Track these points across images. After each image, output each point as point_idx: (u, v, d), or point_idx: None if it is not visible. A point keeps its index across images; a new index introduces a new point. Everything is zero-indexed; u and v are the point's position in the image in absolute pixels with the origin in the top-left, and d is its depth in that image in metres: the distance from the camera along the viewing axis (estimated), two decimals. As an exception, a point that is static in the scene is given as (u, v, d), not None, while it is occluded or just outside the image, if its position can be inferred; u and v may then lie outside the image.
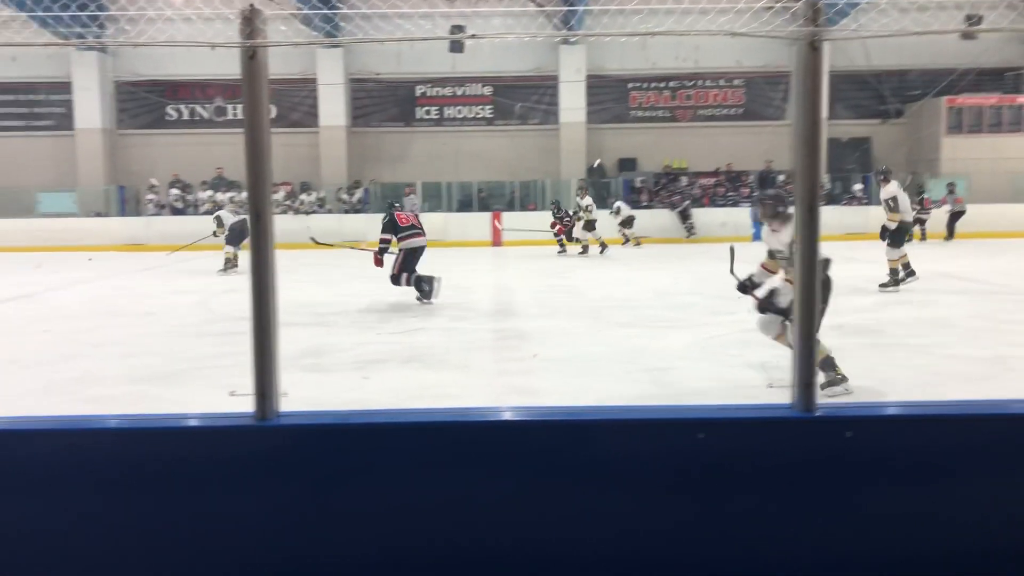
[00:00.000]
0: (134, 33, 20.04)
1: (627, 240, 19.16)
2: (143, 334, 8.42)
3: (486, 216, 20.89)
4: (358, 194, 22.20)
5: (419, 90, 23.70)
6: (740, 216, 20.38)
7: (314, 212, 21.04)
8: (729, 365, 6.52)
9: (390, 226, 10.16)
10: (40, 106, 23.69)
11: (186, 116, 23.73)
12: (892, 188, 10.71)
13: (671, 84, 23.72)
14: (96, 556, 2.13)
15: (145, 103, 23.76)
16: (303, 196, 21.63)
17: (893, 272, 10.66)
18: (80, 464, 2.16)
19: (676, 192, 21.71)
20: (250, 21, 1.89)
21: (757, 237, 19.92)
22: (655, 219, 20.92)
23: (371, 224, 20.74)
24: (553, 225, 17.85)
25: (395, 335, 8.08)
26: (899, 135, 23.61)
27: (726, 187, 22.29)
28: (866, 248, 14.04)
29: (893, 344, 7.42)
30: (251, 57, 1.88)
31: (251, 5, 1.87)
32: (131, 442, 2.21)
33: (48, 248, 19.10)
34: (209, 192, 21.54)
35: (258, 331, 2.09)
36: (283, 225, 17.89)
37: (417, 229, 10.27)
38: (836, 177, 21.86)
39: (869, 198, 20.66)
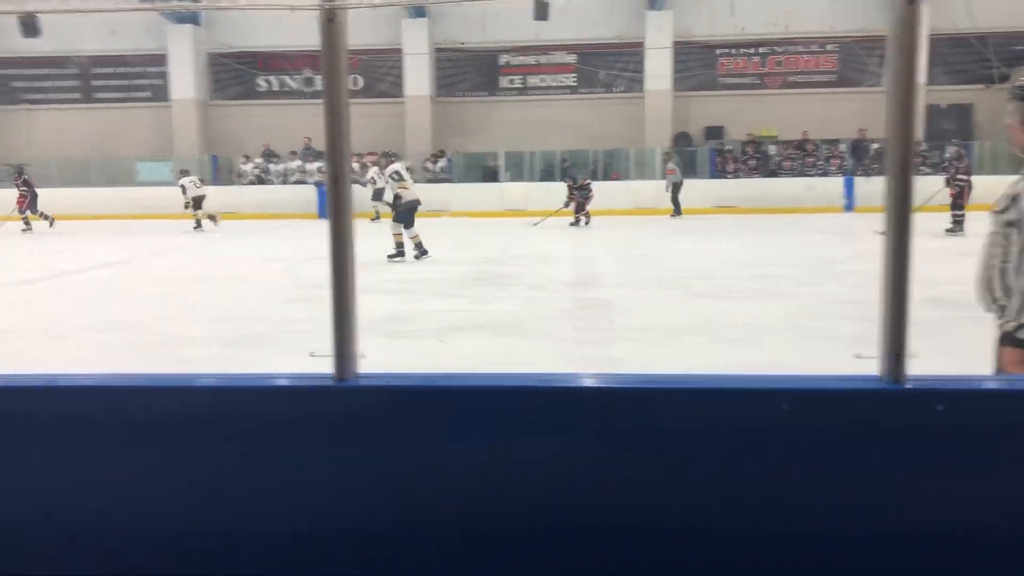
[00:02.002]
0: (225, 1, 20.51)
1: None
2: (232, 298, 8.68)
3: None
4: (441, 163, 22.34)
5: (503, 59, 23.62)
6: (829, 185, 19.80)
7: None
8: (815, 337, 6.35)
9: None
10: (138, 78, 24.48)
11: (276, 87, 24.21)
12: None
13: (761, 50, 23.04)
14: (182, 508, 2.20)
15: (237, 74, 24.32)
16: (390, 165, 21.88)
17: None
18: (173, 419, 2.23)
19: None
20: (329, -17, 1.89)
21: (849, 208, 19.35)
22: (740, 188, 20.47)
23: (456, 192, 20.95)
24: (569, 201, 17.49)
25: (476, 303, 8.13)
26: (1005, 101, 22.46)
27: (815, 156, 21.62)
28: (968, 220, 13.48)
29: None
30: (330, 20, 1.88)
31: (331, -33, 1.87)
32: (220, 399, 2.27)
33: (146, 216, 19.82)
34: (298, 162, 22.00)
35: (337, 294, 2.11)
36: (361, 193, 18.20)
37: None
38: (935, 146, 20.96)
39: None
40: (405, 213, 11.10)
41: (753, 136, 22.41)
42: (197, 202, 18.06)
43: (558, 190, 18.23)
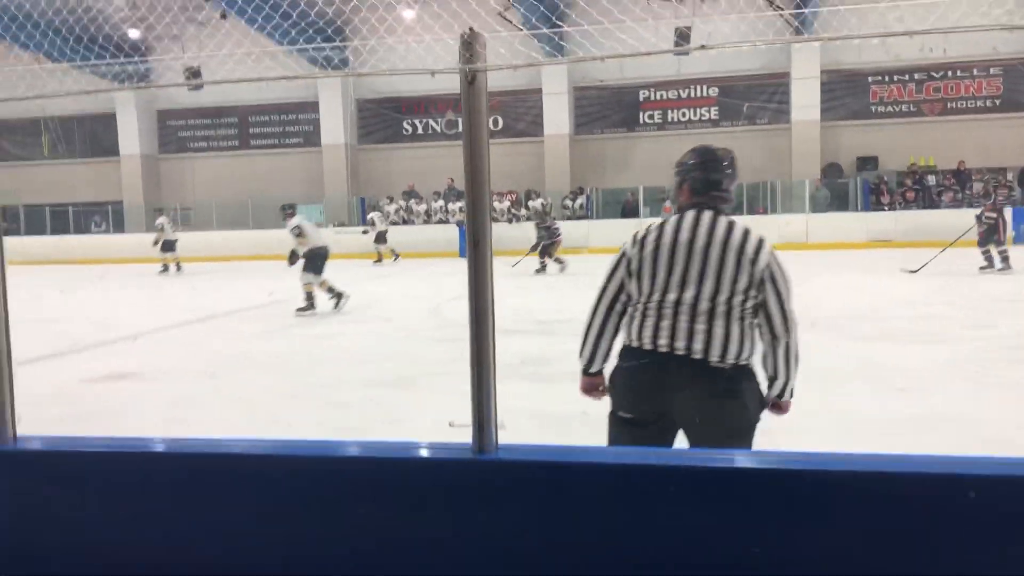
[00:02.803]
0: (372, 60, 21.31)
1: None
2: (379, 339, 8.84)
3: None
4: (580, 200, 22.34)
5: (643, 95, 23.49)
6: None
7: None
8: (994, 384, 5.82)
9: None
10: (290, 125, 25.83)
11: (420, 129, 24.96)
12: None
13: (916, 76, 21.93)
14: (326, 571, 2.18)
15: (383, 119, 25.25)
16: (529, 203, 22.10)
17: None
18: (318, 485, 2.21)
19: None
20: (469, 46, 1.83)
21: (1019, 240, 17.96)
22: (898, 221, 19.42)
23: (594, 229, 20.87)
24: (537, 244, 15.98)
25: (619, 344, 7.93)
26: None
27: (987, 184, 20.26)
28: None
29: None
30: (470, 82, 1.82)
31: (471, 29, 1.80)
32: (363, 468, 2.24)
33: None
34: (440, 202, 22.52)
35: (476, 363, 2.02)
36: (506, 232, 18.39)
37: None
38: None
39: None
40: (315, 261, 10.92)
41: (914, 166, 21.29)
42: (380, 236, 18.89)
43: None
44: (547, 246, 15.83)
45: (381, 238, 18.83)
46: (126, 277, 18.47)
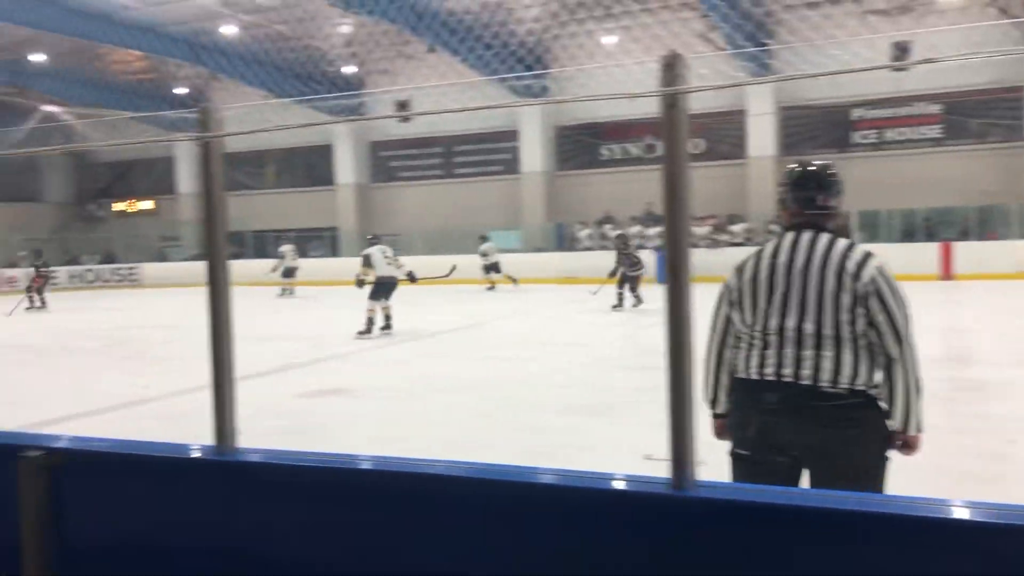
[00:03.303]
0: (571, 87, 21.59)
1: None
2: (573, 364, 8.84)
3: (933, 247, 18.88)
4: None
5: (855, 113, 22.31)
6: None
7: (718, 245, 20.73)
8: None
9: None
10: (491, 153, 26.64)
11: (618, 155, 24.97)
12: None
13: None
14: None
15: (581, 145, 25.49)
16: (732, 227, 21.54)
17: None
18: (508, 511, 2.20)
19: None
20: (671, 68, 1.77)
21: None
22: None
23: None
24: (617, 268, 14.84)
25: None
26: None
27: None
28: None
29: None
30: (671, 106, 1.76)
31: (673, 51, 1.74)
32: (556, 496, 2.21)
33: (495, 281, 21.21)
34: (638, 227, 22.37)
35: (674, 394, 1.94)
36: (706, 258, 18.02)
37: None
38: None
39: None
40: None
41: None
42: (494, 267, 19.85)
43: (920, 250, 16.56)
44: (630, 278, 15.05)
45: (495, 268, 20.10)
46: (340, 298, 19.65)
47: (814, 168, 2.76)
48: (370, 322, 11.36)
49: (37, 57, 24.68)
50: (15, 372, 9.68)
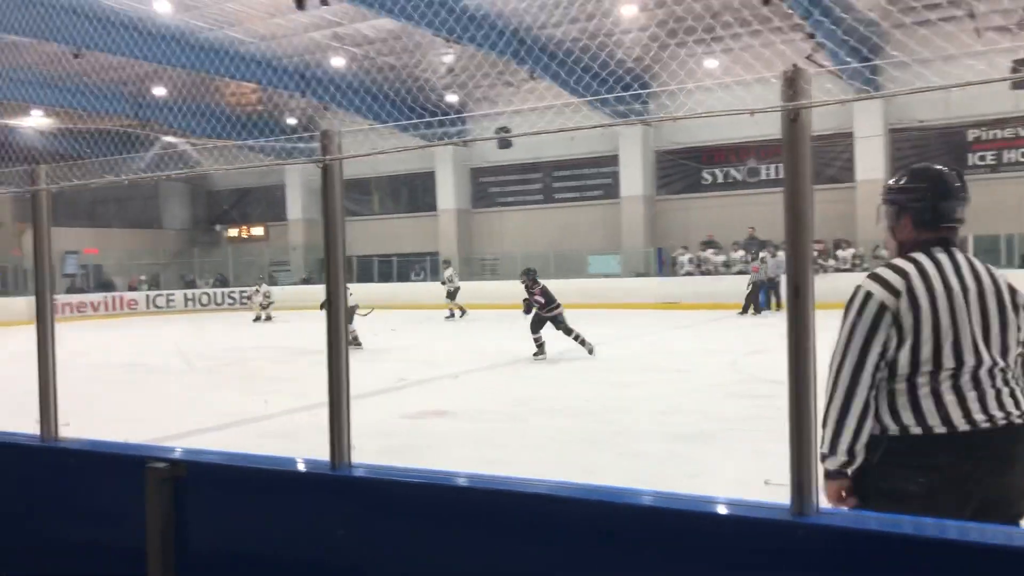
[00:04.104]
0: (673, 107, 21.44)
1: None
2: (677, 391, 8.70)
3: (1058, 272, 17.89)
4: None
5: (971, 134, 21.39)
6: None
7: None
8: None
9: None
10: (591, 178, 26.64)
11: (720, 179, 24.59)
12: None
13: None
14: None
15: (682, 169, 25.22)
16: (838, 252, 20.92)
17: None
18: (606, 532, 2.18)
19: None
20: (793, 82, 1.75)
21: None
22: None
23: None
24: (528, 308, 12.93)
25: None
26: None
27: None
28: None
29: None
30: (793, 120, 1.73)
31: (794, 66, 1.72)
32: (659, 519, 2.17)
33: (595, 305, 21.11)
34: (740, 252, 21.94)
35: (796, 420, 1.89)
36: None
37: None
38: None
39: None
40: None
41: None
42: (453, 294, 20.72)
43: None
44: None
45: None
46: (441, 322, 19.94)
47: (950, 173, 2.41)
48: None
49: (159, 91, 26.03)
50: (139, 389, 10.17)
